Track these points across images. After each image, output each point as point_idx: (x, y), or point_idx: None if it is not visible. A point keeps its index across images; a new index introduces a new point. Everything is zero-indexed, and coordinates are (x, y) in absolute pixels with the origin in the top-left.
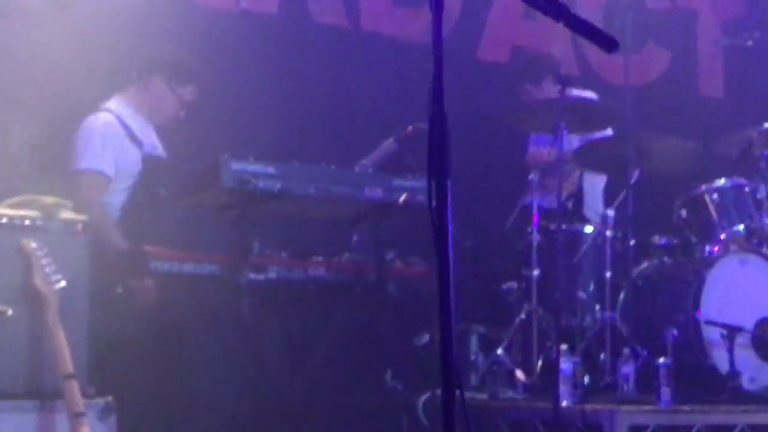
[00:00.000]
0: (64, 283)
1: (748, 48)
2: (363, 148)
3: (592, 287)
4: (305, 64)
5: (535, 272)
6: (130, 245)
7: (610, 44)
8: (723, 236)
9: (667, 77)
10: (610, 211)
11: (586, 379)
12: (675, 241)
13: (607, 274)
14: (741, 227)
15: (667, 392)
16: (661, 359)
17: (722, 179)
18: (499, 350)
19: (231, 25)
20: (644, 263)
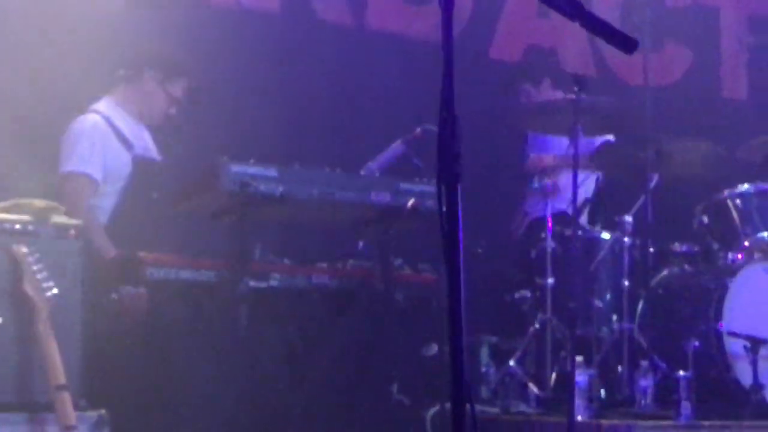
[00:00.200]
0: (56, 290)
1: None
2: (369, 150)
3: (608, 296)
4: (308, 64)
5: (550, 280)
6: (119, 251)
7: (629, 44)
8: (746, 243)
9: (688, 78)
10: (629, 218)
11: (603, 392)
12: (696, 248)
13: (625, 283)
14: (765, 234)
15: (687, 407)
16: (681, 372)
17: (746, 184)
18: (512, 362)
19: (231, 23)
20: (664, 271)
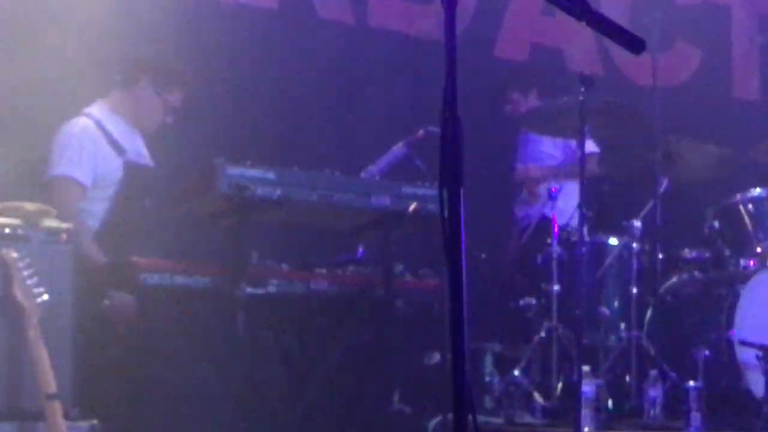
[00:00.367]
0: (46, 296)
1: None
2: (370, 152)
3: (616, 304)
4: (308, 63)
5: (556, 287)
6: (108, 257)
7: (637, 45)
8: (759, 249)
9: (698, 78)
10: (637, 223)
11: (610, 402)
12: (707, 254)
13: (633, 290)
14: None
15: (697, 418)
16: (691, 382)
17: (758, 188)
18: (516, 371)
19: (228, 20)
20: (673, 278)
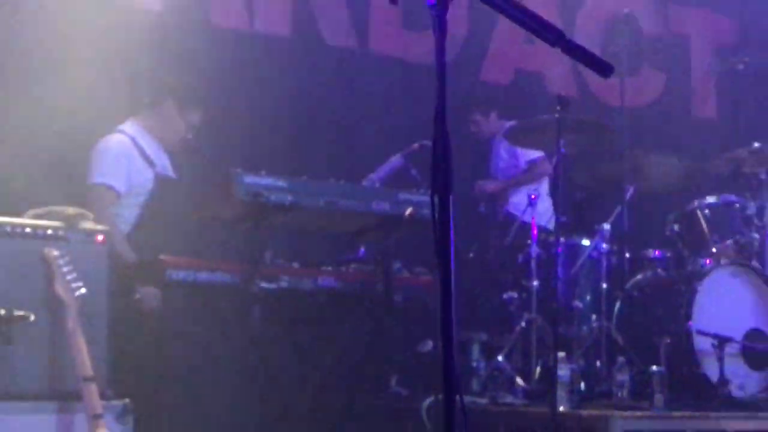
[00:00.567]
0: (84, 290)
1: (739, 72)
2: (371, 163)
3: (588, 298)
4: (315, 83)
5: (535, 283)
6: (138, 255)
7: (605, 69)
8: (714, 250)
9: (661, 99)
10: (607, 226)
11: (583, 385)
12: (668, 254)
13: (603, 286)
14: (731, 242)
15: (660, 399)
16: (654, 367)
17: (714, 196)
18: (500, 357)
19: (245, 46)
20: (638, 275)
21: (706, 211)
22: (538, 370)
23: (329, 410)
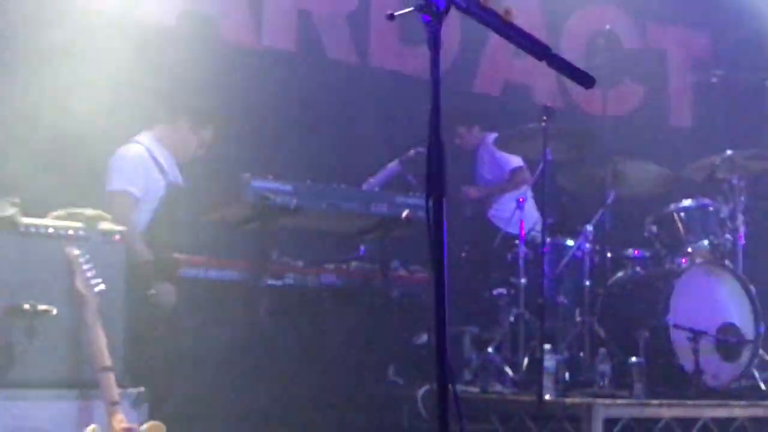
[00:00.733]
0: (102, 286)
1: (713, 84)
2: (370, 168)
3: (572, 294)
4: (319, 94)
5: (523, 280)
6: (154, 255)
7: (588, 81)
8: (689, 250)
9: (640, 109)
10: (590, 227)
11: (567, 375)
12: (647, 253)
13: (586, 283)
14: (705, 242)
15: (639, 388)
16: (633, 359)
17: (689, 200)
18: (490, 349)
19: (254, 60)
20: (619, 273)
21: (682, 214)
22: (526, 360)
23: (331, 397)
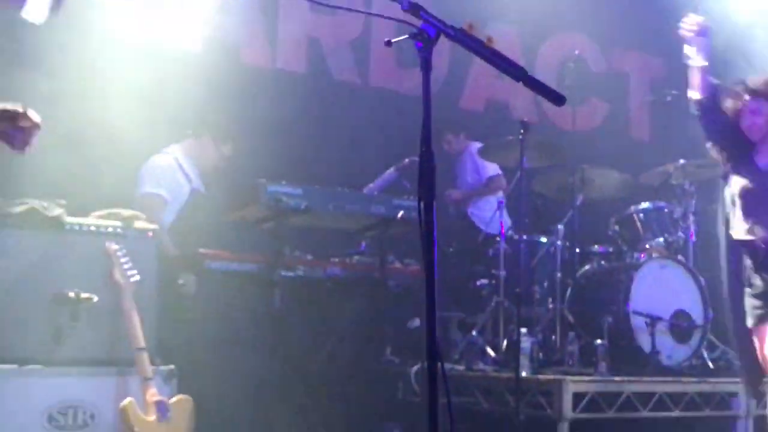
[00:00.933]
0: (137, 277)
1: (668, 102)
2: (370, 175)
3: (545, 284)
4: (326, 110)
5: (502, 272)
6: (180, 250)
7: (559, 99)
8: (647, 246)
9: (605, 124)
10: (560, 226)
11: (541, 355)
12: (610, 249)
13: (558, 275)
14: (661, 239)
15: (603, 366)
16: (598, 341)
17: (647, 202)
18: (474, 332)
19: (269, 81)
20: (586, 266)
21: (641, 215)
22: (505, 342)
23: (336, 373)
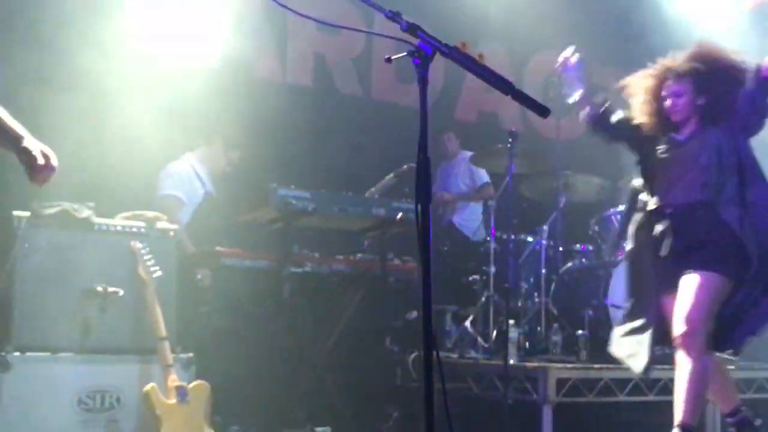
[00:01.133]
0: (159, 273)
1: None
2: (372, 180)
3: (532, 280)
4: (332, 121)
5: (492, 269)
6: (197, 248)
7: (544, 111)
8: (624, 245)
9: (587, 134)
10: (545, 227)
11: (527, 344)
12: (590, 248)
13: (543, 271)
14: None
15: (584, 355)
16: (580, 331)
17: (623, 205)
18: (466, 323)
19: (279, 93)
20: (569, 263)
21: (619, 216)
22: (495, 333)
23: (340, 361)
